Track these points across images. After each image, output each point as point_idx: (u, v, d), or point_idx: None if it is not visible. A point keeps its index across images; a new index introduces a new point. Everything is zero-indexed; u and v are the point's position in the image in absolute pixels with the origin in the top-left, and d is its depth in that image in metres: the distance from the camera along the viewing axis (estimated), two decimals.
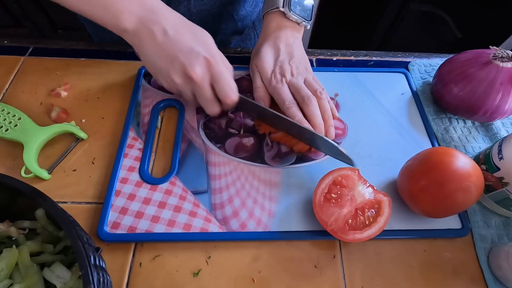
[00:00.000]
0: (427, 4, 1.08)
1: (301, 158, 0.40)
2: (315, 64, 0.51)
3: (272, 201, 0.37)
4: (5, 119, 0.39)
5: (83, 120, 0.43)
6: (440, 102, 0.45)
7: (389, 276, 0.33)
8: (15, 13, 1.22)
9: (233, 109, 0.42)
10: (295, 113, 0.38)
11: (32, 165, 0.37)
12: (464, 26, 1.05)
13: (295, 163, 0.40)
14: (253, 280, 0.33)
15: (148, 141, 0.40)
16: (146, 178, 0.37)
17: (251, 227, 0.35)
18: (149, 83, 0.46)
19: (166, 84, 0.37)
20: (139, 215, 0.35)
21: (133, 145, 0.40)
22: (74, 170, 0.39)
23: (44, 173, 0.37)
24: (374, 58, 0.53)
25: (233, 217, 0.35)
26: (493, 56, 0.39)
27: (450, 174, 0.32)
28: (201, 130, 0.42)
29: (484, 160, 0.36)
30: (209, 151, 0.40)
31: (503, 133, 0.44)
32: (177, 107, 0.44)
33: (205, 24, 0.55)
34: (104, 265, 0.27)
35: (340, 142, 0.42)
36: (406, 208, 0.37)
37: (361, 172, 0.36)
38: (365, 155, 0.41)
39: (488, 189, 0.36)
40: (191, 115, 0.43)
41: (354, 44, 0.70)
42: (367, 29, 1.26)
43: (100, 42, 0.53)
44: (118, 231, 0.34)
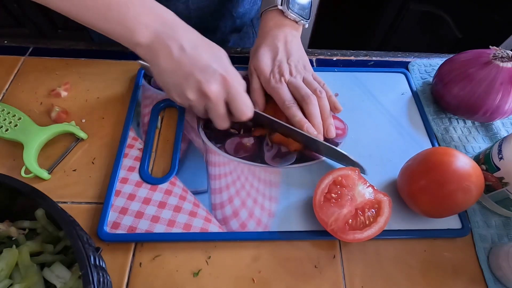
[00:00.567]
0: (427, 4, 1.08)
1: (301, 158, 0.40)
2: (315, 64, 0.51)
3: (272, 201, 0.37)
4: (5, 119, 0.39)
5: (83, 120, 0.43)
6: (440, 102, 0.45)
7: (389, 276, 0.33)
8: (15, 13, 1.22)
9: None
10: (295, 113, 0.38)
11: (32, 165, 0.37)
12: (464, 26, 1.05)
13: (295, 163, 0.40)
14: (253, 280, 0.33)
15: (148, 141, 0.40)
16: (146, 178, 0.37)
17: (251, 227, 0.35)
18: (149, 83, 0.46)
19: (179, 99, 0.36)
20: (139, 215, 0.35)
21: (133, 145, 0.40)
22: (74, 170, 0.39)
23: (44, 173, 0.37)
24: (374, 58, 0.53)
25: (233, 217, 0.35)
26: (493, 56, 0.39)
27: (450, 174, 0.32)
28: (201, 130, 0.42)
29: (484, 160, 0.36)
30: (209, 151, 0.40)
31: (503, 133, 0.44)
32: (177, 107, 0.44)
33: (204, 22, 0.55)
34: (104, 265, 0.27)
35: (340, 142, 0.42)
36: (406, 208, 0.37)
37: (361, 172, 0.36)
38: (365, 155, 0.41)
39: (488, 189, 0.36)
40: (191, 115, 0.43)
41: (354, 44, 0.70)
42: (367, 29, 1.26)
43: (101, 42, 0.53)
44: (118, 231, 0.34)
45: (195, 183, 0.38)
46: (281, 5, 0.43)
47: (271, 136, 0.41)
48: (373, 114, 0.45)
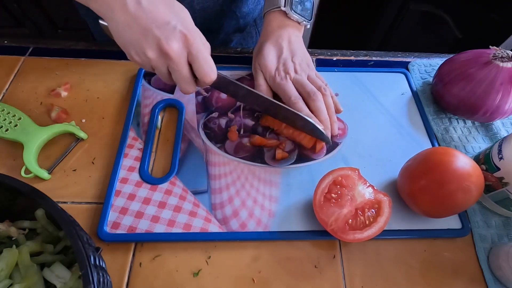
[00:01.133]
0: (427, 4, 1.08)
1: (301, 158, 0.40)
2: (315, 64, 0.51)
3: (272, 201, 0.37)
4: (5, 119, 0.39)
5: (83, 120, 0.43)
6: (440, 102, 0.45)
7: (389, 276, 0.33)
8: (15, 13, 1.22)
9: (210, 87, 0.40)
10: (302, 108, 0.39)
11: (32, 165, 0.37)
12: (464, 26, 1.05)
13: (295, 163, 0.40)
14: (253, 280, 0.33)
15: (148, 141, 0.40)
16: (146, 178, 0.37)
17: (251, 227, 0.35)
18: (149, 83, 0.46)
19: (138, 59, 0.33)
20: (139, 215, 0.35)
21: (133, 145, 0.40)
22: (74, 170, 0.39)
23: (44, 173, 0.37)
24: (374, 58, 0.53)
25: (233, 217, 0.35)
26: (493, 56, 0.39)
27: (450, 174, 0.32)
28: (201, 130, 0.42)
29: (484, 160, 0.36)
30: (209, 151, 0.40)
31: (503, 133, 0.44)
32: (177, 107, 0.44)
33: (208, 22, 0.55)
34: (104, 265, 0.27)
35: (340, 142, 0.42)
36: (406, 208, 0.37)
37: (361, 172, 0.36)
38: (365, 155, 0.41)
39: (488, 189, 0.36)
40: (191, 115, 0.43)
41: (354, 44, 0.70)
42: (367, 29, 1.26)
43: (102, 42, 0.53)
44: (118, 231, 0.34)
45: (195, 183, 0.38)
46: (284, 6, 0.43)
47: (251, 139, 0.41)
48: (373, 114, 0.45)
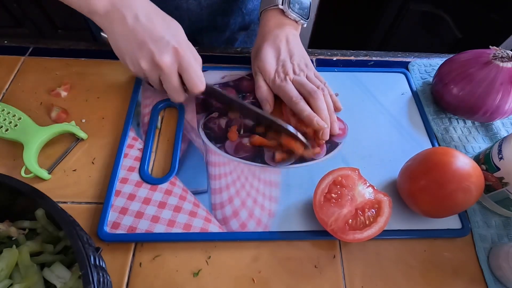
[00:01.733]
0: (427, 4, 1.08)
1: (301, 158, 0.40)
2: (315, 64, 0.51)
3: (272, 201, 0.37)
4: (5, 119, 0.39)
5: (83, 120, 0.43)
6: (440, 102, 0.45)
7: (389, 276, 0.33)
8: (15, 13, 1.22)
9: (200, 96, 0.43)
10: (304, 107, 0.39)
11: (32, 165, 0.37)
12: (464, 26, 1.05)
13: (295, 163, 0.40)
14: (253, 280, 0.33)
15: (148, 141, 0.40)
16: (146, 178, 0.37)
17: (251, 227, 0.35)
18: (149, 83, 0.46)
19: (133, 68, 0.37)
20: (139, 215, 0.35)
21: (133, 145, 0.40)
22: (74, 170, 0.39)
23: (44, 173, 0.37)
24: (374, 58, 0.53)
25: (233, 217, 0.35)
26: (493, 56, 0.39)
27: (450, 174, 0.32)
28: (201, 130, 0.42)
29: (484, 160, 0.36)
30: (209, 151, 0.40)
31: (503, 133, 0.44)
32: (177, 107, 0.44)
33: (214, 19, 0.55)
34: (104, 265, 0.27)
35: (340, 142, 0.42)
36: (406, 208, 0.37)
37: (361, 172, 0.36)
38: (365, 155, 0.41)
39: (488, 189, 0.36)
40: (191, 115, 0.43)
41: (354, 44, 0.70)
42: (367, 29, 1.26)
43: (103, 42, 0.52)
44: (118, 231, 0.34)
45: (195, 183, 0.38)
46: (282, 5, 0.43)
47: (251, 139, 0.41)
48: (373, 114, 0.45)
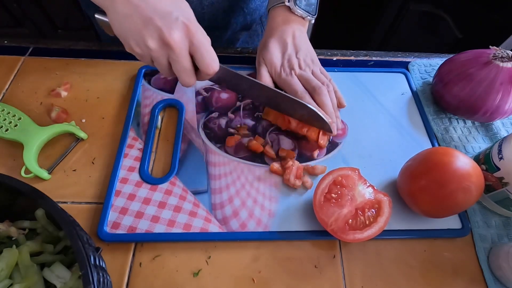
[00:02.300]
0: (427, 4, 1.08)
1: (301, 158, 0.40)
2: None
3: (272, 201, 0.37)
4: (5, 119, 0.39)
5: (83, 120, 0.43)
6: (440, 102, 0.45)
7: (389, 276, 0.33)
8: (15, 13, 1.22)
9: (211, 82, 0.39)
10: (309, 102, 0.39)
11: (32, 165, 0.37)
12: (464, 26, 1.05)
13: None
14: (253, 280, 0.33)
15: (148, 141, 0.40)
16: (146, 178, 0.37)
17: (251, 227, 0.35)
18: (149, 83, 0.46)
19: (138, 50, 0.32)
20: (139, 215, 0.35)
21: (133, 145, 0.40)
22: (74, 170, 0.39)
23: (44, 173, 0.37)
24: (374, 58, 0.53)
25: (233, 217, 0.35)
26: (493, 56, 0.39)
27: (450, 174, 0.32)
28: (201, 130, 0.42)
29: (484, 160, 0.36)
30: (209, 151, 0.40)
31: (503, 133, 0.44)
32: (177, 107, 0.44)
33: (216, 19, 0.55)
34: (104, 265, 0.27)
35: (340, 142, 0.42)
36: (406, 208, 0.37)
37: (361, 172, 0.36)
38: (365, 155, 0.41)
39: (488, 189, 0.36)
40: (191, 115, 0.43)
41: (354, 44, 0.70)
42: (367, 29, 1.26)
43: (106, 41, 0.52)
44: (118, 231, 0.34)
45: (195, 183, 0.38)
46: (288, 2, 0.43)
47: (249, 143, 0.40)
48: (373, 114, 0.45)
